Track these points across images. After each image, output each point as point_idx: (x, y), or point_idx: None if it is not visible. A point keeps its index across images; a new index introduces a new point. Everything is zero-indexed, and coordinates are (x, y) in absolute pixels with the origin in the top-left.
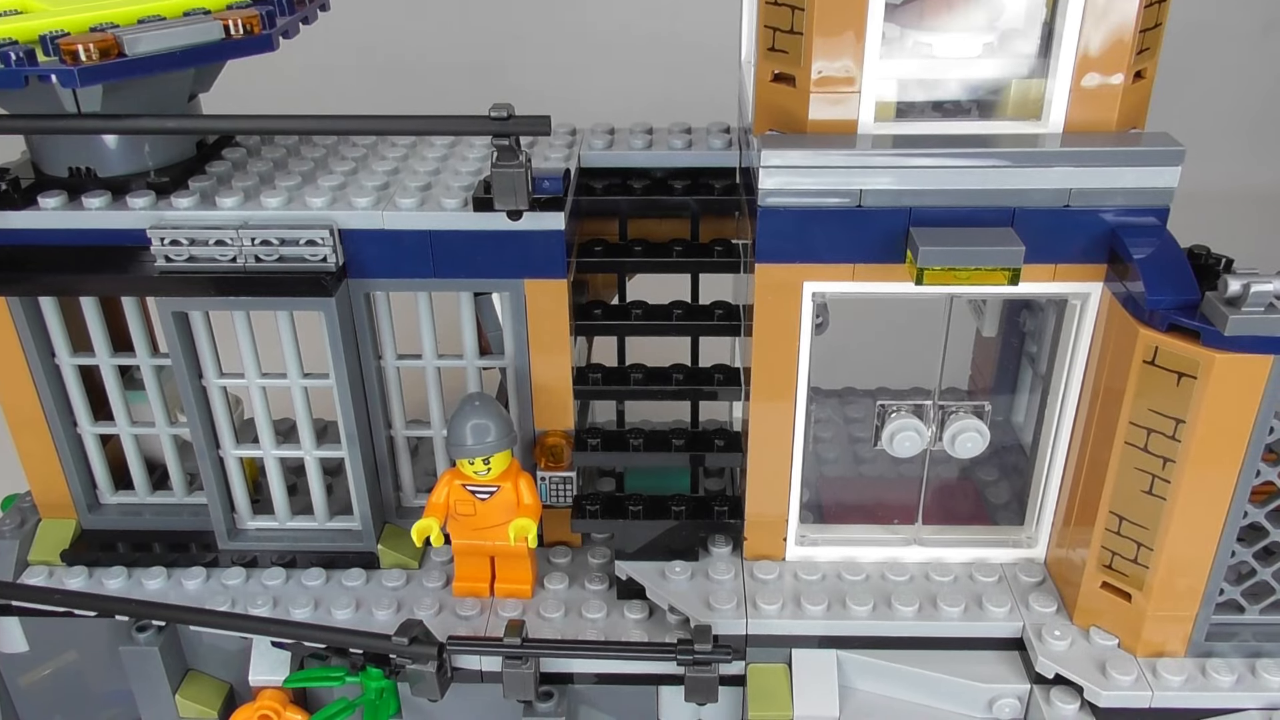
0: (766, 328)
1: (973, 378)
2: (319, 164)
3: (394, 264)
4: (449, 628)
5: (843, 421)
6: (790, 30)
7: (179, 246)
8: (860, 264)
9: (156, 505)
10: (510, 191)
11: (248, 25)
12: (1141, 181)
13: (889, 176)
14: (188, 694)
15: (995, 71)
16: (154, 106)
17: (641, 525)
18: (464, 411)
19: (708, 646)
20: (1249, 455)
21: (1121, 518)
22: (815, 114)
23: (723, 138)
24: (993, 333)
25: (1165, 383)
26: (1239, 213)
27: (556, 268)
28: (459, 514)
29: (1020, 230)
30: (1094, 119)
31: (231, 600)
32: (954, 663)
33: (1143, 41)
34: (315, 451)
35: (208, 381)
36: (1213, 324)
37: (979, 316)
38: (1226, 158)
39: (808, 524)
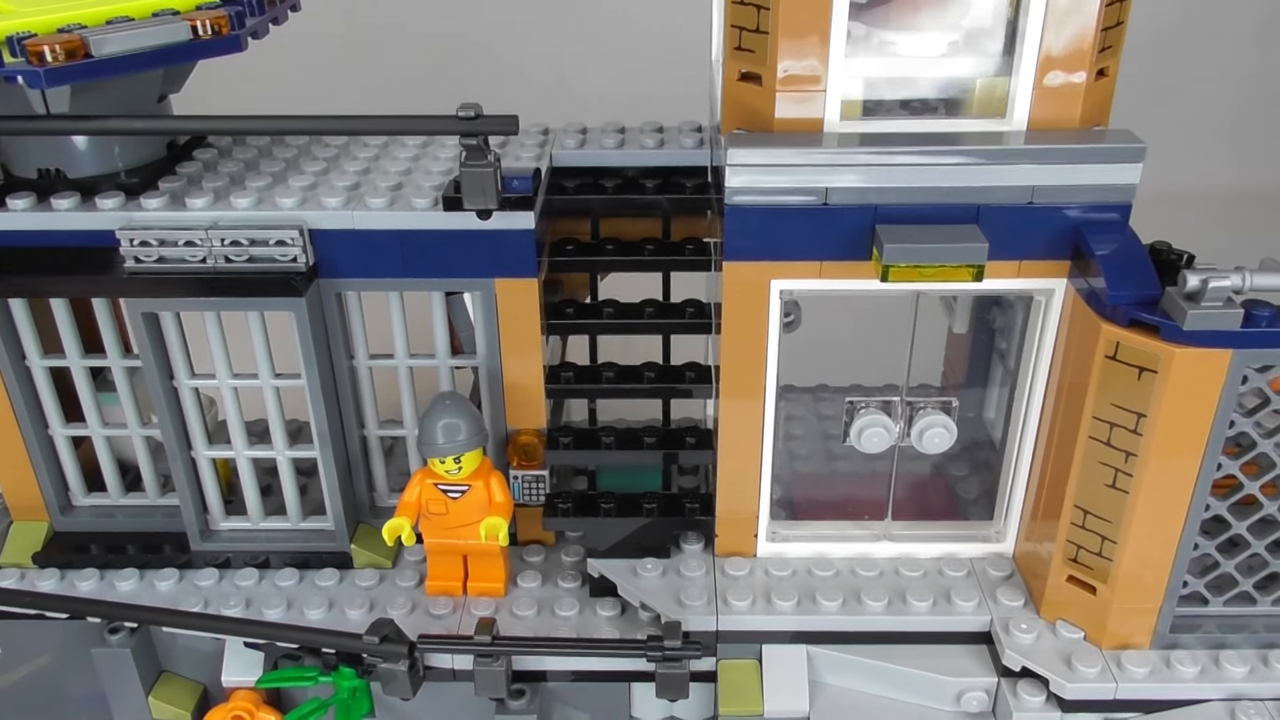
0: (735, 325)
1: (945, 374)
2: (290, 164)
3: (364, 264)
4: (422, 626)
5: (816, 419)
6: (756, 29)
7: (148, 247)
8: (827, 261)
9: (129, 507)
10: (479, 191)
11: (216, 26)
12: (1103, 178)
13: (854, 175)
14: (161, 695)
15: (960, 70)
16: (123, 107)
17: (613, 523)
18: (435, 410)
19: (677, 643)
20: (1209, 449)
21: (1086, 511)
22: (781, 113)
23: (694, 136)
24: (964, 329)
25: (1127, 377)
26: (1240, 212)
27: (527, 267)
28: (431, 513)
29: (985, 227)
30: (1057, 117)
31: (204, 601)
32: (923, 657)
33: (1105, 40)
34: (288, 452)
35: (179, 382)
36: (1172, 319)
37: (950, 313)
38: (1226, 157)
39: (779, 520)
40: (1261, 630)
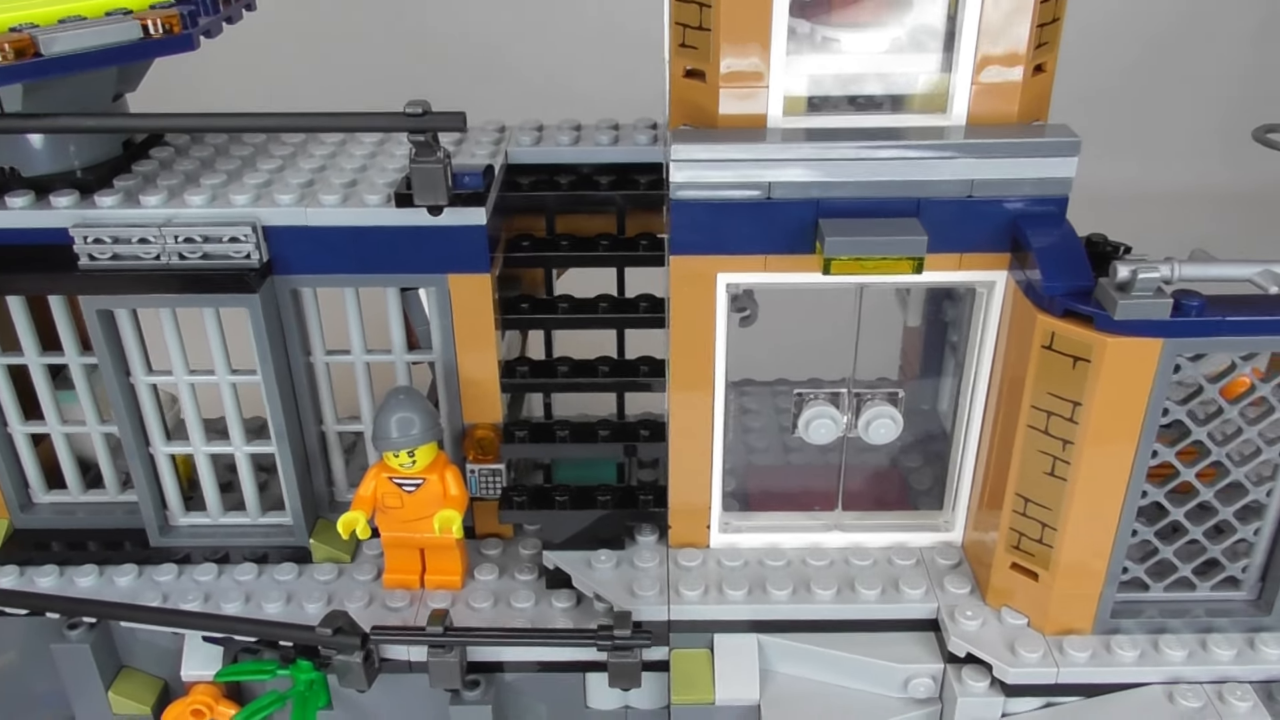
0: (682, 319)
1: (902, 367)
2: (246, 162)
3: (319, 260)
4: (378, 619)
5: (772, 412)
6: (699, 27)
7: (102, 245)
8: (772, 255)
9: (90, 504)
10: (429, 187)
11: (167, 25)
12: (1040, 172)
13: (795, 169)
14: (121, 690)
15: (902, 66)
16: (77, 106)
17: (568, 515)
18: (389, 405)
19: (627, 632)
20: (1144, 436)
21: (1027, 499)
22: (725, 109)
23: (649, 133)
24: (916, 322)
25: (1062, 367)
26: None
27: (479, 263)
28: (387, 507)
29: (925, 220)
30: (995, 112)
31: (163, 596)
32: (871, 644)
33: (1041, 36)
34: (246, 448)
35: (136, 379)
36: (1104, 309)
37: (903, 306)
38: (1220, 155)
39: (732, 511)
40: (1201, 614)
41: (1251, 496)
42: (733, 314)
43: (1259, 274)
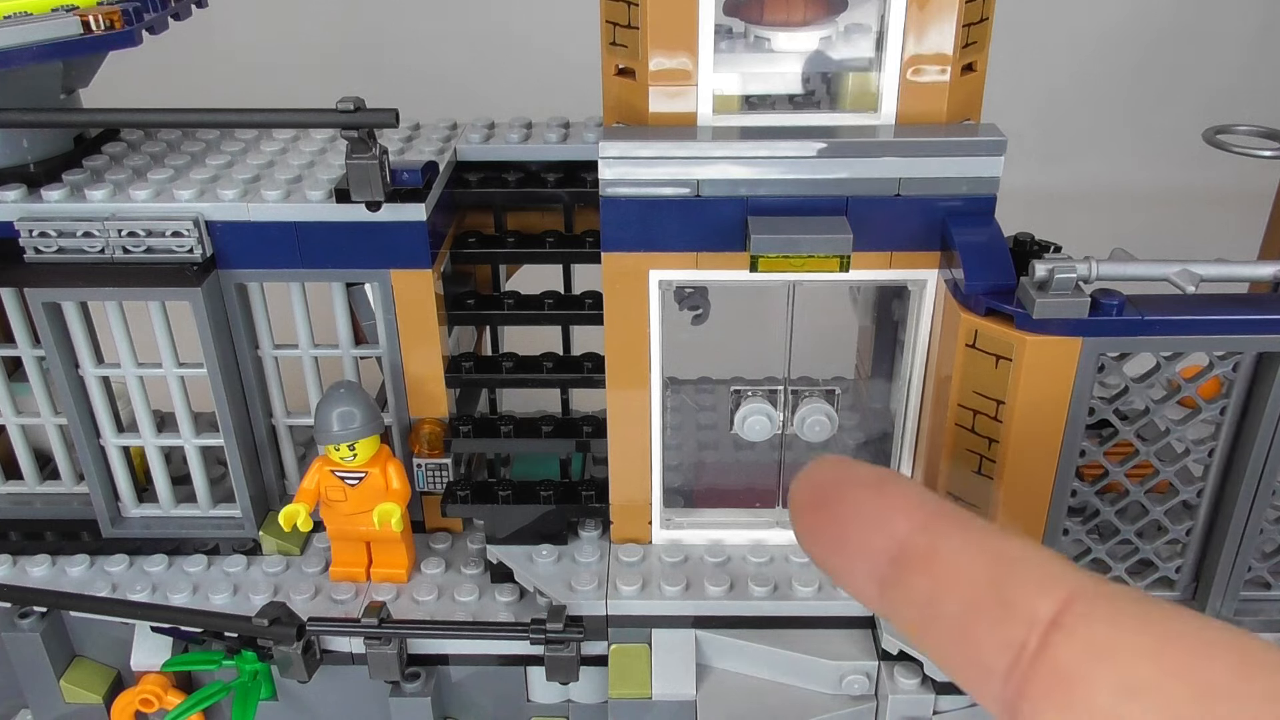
0: (616, 315)
1: (857, 366)
2: (195, 158)
3: (262, 255)
4: (323, 611)
5: (718, 409)
6: (628, 25)
7: (47, 238)
8: (703, 252)
9: (46, 495)
10: (365, 183)
11: (109, 21)
12: (966, 171)
13: (724, 167)
14: (72, 679)
15: (833, 66)
16: (25, 101)
17: (511, 510)
18: (330, 399)
19: (559, 626)
20: (1068, 435)
21: (957, 498)
22: (655, 107)
23: (597, 131)
24: (866, 321)
25: (986, 365)
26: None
27: (421, 259)
28: (330, 500)
29: (854, 219)
30: (924, 111)
31: (112, 586)
32: (808, 641)
33: (968, 35)
34: (194, 440)
35: (85, 371)
36: (1024, 307)
37: (855, 305)
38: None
39: (674, 508)
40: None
41: (1182, 496)
42: (685, 312)
43: (1177, 273)
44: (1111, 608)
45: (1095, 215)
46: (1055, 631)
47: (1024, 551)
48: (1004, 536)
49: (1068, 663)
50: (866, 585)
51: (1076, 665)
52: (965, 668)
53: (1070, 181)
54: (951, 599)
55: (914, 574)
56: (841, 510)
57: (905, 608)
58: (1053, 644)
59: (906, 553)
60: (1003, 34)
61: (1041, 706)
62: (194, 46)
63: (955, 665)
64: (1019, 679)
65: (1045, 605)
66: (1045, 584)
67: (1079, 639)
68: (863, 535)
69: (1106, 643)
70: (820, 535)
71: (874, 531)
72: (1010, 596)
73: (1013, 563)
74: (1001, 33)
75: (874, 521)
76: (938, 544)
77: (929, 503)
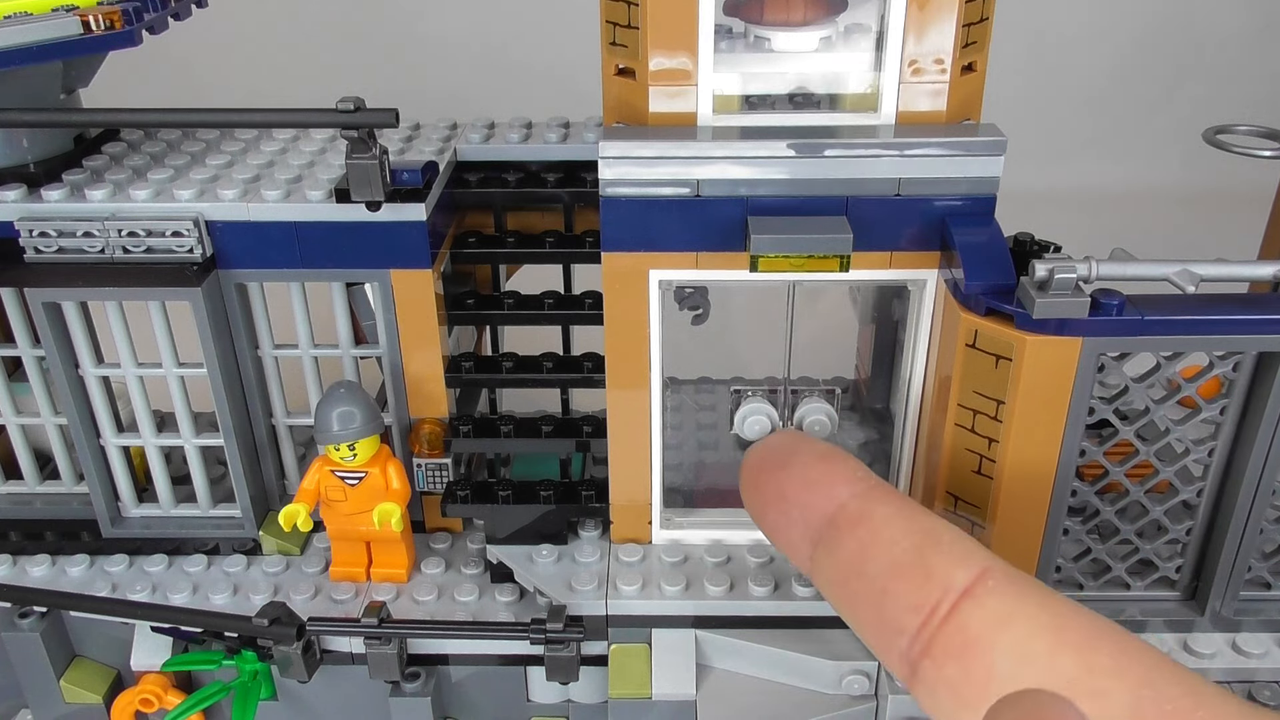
0: (616, 315)
1: (858, 366)
2: (195, 158)
3: (262, 255)
4: (323, 611)
5: (718, 409)
6: (628, 25)
7: (48, 238)
8: (703, 252)
9: (46, 495)
10: (365, 183)
11: (108, 20)
12: (966, 171)
13: (724, 167)
14: (72, 679)
15: (833, 66)
16: (25, 101)
17: (512, 510)
18: (330, 398)
19: (559, 625)
20: (1068, 435)
21: (957, 498)
22: (655, 107)
23: (597, 131)
24: (867, 321)
25: (985, 365)
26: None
27: (421, 258)
28: (330, 500)
29: (854, 219)
30: (925, 111)
31: (112, 586)
32: (808, 641)
33: (968, 35)
34: (194, 440)
35: (85, 371)
36: (1024, 307)
37: (856, 305)
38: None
39: (674, 508)
40: (1136, 614)
41: (1182, 496)
42: (685, 311)
43: (1177, 273)
44: (1018, 587)
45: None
46: (967, 600)
47: (947, 528)
48: (930, 514)
49: (974, 628)
50: (800, 541)
51: (981, 631)
52: (877, 625)
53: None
54: (877, 560)
55: (846, 534)
56: (789, 473)
57: (832, 565)
58: (962, 610)
59: (843, 514)
60: (1003, 34)
61: (944, 664)
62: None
63: (868, 621)
64: (926, 638)
65: (962, 576)
66: (964, 558)
67: (987, 609)
68: (805, 495)
69: (1010, 615)
70: (765, 490)
71: (816, 493)
72: (931, 564)
73: (937, 535)
74: (1001, 33)
75: (818, 485)
76: (872, 509)
77: (869, 477)
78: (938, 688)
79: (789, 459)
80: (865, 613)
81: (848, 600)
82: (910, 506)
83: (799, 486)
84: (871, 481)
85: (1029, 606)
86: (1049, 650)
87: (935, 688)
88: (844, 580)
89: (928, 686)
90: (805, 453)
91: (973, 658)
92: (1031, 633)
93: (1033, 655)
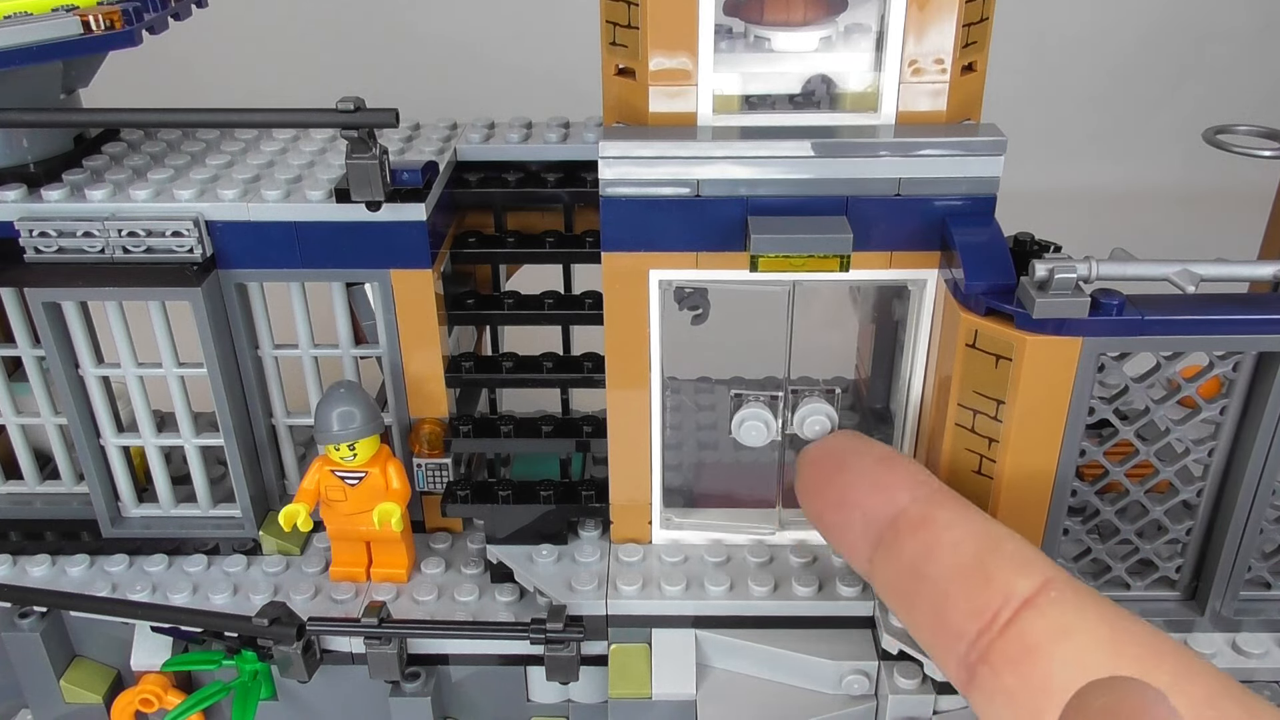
0: (616, 315)
1: (858, 366)
2: (195, 158)
3: (262, 255)
4: (323, 611)
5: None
6: (628, 25)
7: (48, 238)
8: (703, 252)
9: (46, 495)
10: (365, 183)
11: (108, 20)
12: (966, 171)
13: (724, 167)
14: (72, 679)
15: (833, 66)
16: (25, 101)
17: (512, 510)
18: (329, 398)
19: (559, 625)
20: (1068, 435)
21: None
22: (655, 107)
23: (597, 131)
24: (867, 321)
25: (986, 365)
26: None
27: (421, 258)
28: (330, 500)
29: (854, 219)
30: (925, 111)
31: (112, 586)
32: (808, 641)
33: (969, 35)
34: (194, 440)
35: (85, 371)
36: (1024, 307)
37: (856, 305)
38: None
39: (674, 508)
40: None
41: (1182, 496)
42: (685, 312)
43: (1177, 273)
44: (1080, 599)
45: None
46: (1028, 609)
47: (1010, 535)
48: (993, 521)
49: (1034, 637)
50: (860, 543)
51: (1041, 641)
52: (936, 629)
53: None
54: (938, 563)
55: (908, 537)
56: (850, 474)
57: (893, 567)
58: (1023, 619)
59: (905, 517)
60: (1003, 34)
61: (1002, 671)
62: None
63: (927, 625)
64: (985, 645)
65: (1024, 584)
66: (1026, 566)
67: (1048, 619)
68: (866, 497)
69: (1071, 627)
70: (825, 491)
71: (878, 496)
72: (992, 571)
73: (999, 542)
74: (1001, 33)
75: (879, 487)
76: (934, 514)
77: (931, 480)
78: (995, 695)
79: (848, 460)
80: (924, 616)
81: (907, 603)
82: (973, 512)
83: (860, 489)
84: (934, 485)
85: (1090, 619)
86: (1109, 664)
87: (992, 695)
88: (904, 583)
89: (984, 693)
90: (865, 455)
91: (1031, 667)
92: (1091, 645)
93: (1092, 668)
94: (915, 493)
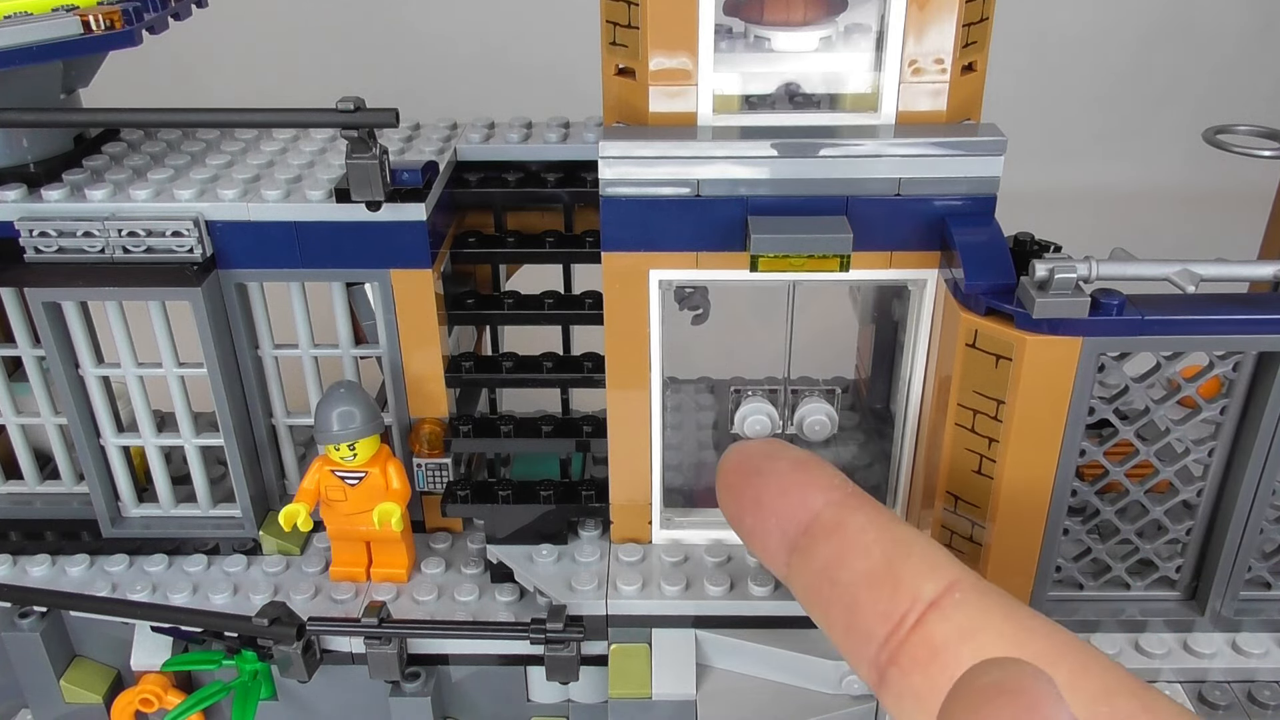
0: (616, 315)
1: (858, 366)
2: (195, 158)
3: (262, 255)
4: (323, 611)
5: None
6: (628, 25)
7: (48, 238)
8: (703, 252)
9: (46, 495)
10: (365, 183)
11: (108, 20)
12: (966, 171)
13: (724, 167)
14: (72, 679)
15: (833, 66)
16: (25, 101)
17: (512, 510)
18: (329, 398)
19: (559, 625)
20: (1068, 434)
21: (957, 497)
22: (655, 106)
23: (597, 131)
24: (867, 321)
25: (986, 365)
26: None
27: (421, 258)
28: (330, 500)
29: (854, 219)
30: (925, 111)
31: (112, 586)
32: (808, 641)
33: (968, 35)
34: (194, 440)
35: (85, 371)
36: (1024, 307)
37: (856, 305)
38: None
39: (675, 507)
40: (1135, 614)
41: (1182, 496)
42: (685, 311)
43: (1177, 273)
44: (985, 600)
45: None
46: (933, 611)
47: (919, 539)
48: (903, 524)
49: (940, 639)
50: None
51: (946, 642)
52: (848, 631)
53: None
54: (850, 568)
55: (821, 541)
56: (766, 479)
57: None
58: (929, 621)
59: (818, 522)
60: (1003, 34)
61: (910, 673)
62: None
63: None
64: (894, 647)
65: (930, 587)
66: (933, 570)
67: (953, 621)
68: (782, 502)
69: (976, 628)
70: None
71: (792, 501)
72: (901, 574)
73: (908, 546)
74: (1001, 33)
75: (793, 492)
76: (847, 518)
77: (845, 485)
78: (903, 696)
79: (764, 465)
80: (837, 620)
81: (821, 607)
82: (885, 516)
83: (775, 493)
84: (848, 490)
85: (994, 620)
86: None
87: (901, 696)
88: (818, 588)
89: (894, 694)
90: (781, 459)
91: (937, 668)
92: (995, 646)
93: None
94: (829, 496)
